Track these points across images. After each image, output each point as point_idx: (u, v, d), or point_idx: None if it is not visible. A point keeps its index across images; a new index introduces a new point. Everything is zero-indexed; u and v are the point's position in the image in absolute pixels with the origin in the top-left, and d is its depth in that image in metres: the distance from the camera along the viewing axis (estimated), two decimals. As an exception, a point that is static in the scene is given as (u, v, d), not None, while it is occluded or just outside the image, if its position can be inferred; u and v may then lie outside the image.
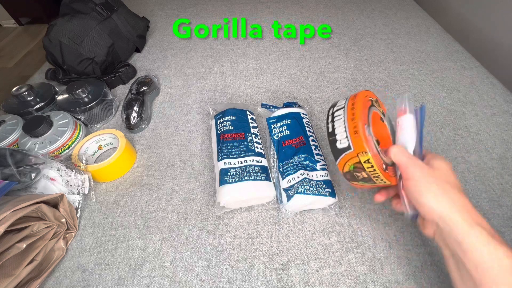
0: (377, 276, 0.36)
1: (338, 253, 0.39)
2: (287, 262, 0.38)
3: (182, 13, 0.95)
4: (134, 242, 0.41)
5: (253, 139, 0.47)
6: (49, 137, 0.48)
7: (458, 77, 0.64)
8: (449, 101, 0.59)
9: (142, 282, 0.37)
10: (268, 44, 0.78)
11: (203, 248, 0.40)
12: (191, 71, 0.71)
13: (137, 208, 0.45)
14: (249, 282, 0.37)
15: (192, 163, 0.51)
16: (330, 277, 0.37)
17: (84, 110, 0.55)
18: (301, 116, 0.50)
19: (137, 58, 0.77)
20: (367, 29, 0.81)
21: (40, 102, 0.57)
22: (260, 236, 0.41)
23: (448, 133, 0.53)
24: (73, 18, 0.64)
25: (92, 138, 0.51)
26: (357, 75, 0.67)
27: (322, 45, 0.77)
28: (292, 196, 0.40)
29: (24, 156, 0.42)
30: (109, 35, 0.67)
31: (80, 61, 0.64)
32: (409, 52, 0.72)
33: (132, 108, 0.56)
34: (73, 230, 0.42)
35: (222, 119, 0.50)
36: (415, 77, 0.65)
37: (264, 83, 0.66)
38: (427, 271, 0.37)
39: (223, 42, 0.81)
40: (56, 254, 0.39)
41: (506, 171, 0.46)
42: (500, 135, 0.52)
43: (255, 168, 0.43)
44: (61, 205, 0.40)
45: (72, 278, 0.38)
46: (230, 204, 0.42)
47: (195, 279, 0.37)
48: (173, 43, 0.81)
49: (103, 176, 0.48)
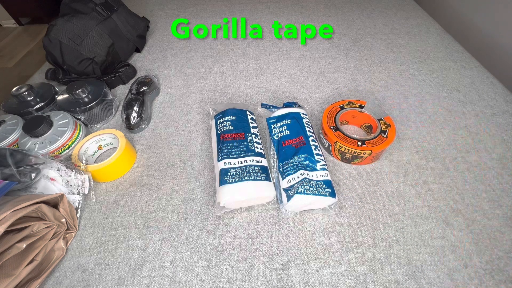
0: (377, 276, 0.36)
1: (338, 253, 0.39)
2: (287, 262, 0.38)
3: (182, 13, 0.95)
4: (134, 242, 0.41)
5: (253, 139, 0.47)
6: (49, 137, 0.48)
7: (458, 77, 0.64)
8: (449, 101, 0.59)
9: (142, 282, 0.37)
10: (268, 44, 0.78)
11: (203, 248, 0.40)
12: (191, 71, 0.71)
13: (137, 208, 0.45)
14: (249, 282, 0.37)
15: (192, 163, 0.51)
16: (330, 277, 0.37)
17: (84, 110, 0.55)
18: (301, 116, 0.50)
19: (137, 58, 0.77)
20: (367, 29, 0.81)
21: (40, 102, 0.57)
22: (260, 236, 0.41)
23: (448, 133, 0.53)
24: (73, 18, 0.64)
25: (92, 138, 0.51)
26: (357, 75, 0.67)
27: (322, 45, 0.77)
28: (292, 196, 0.40)
29: (24, 156, 0.42)
30: (109, 35, 0.67)
31: (80, 61, 0.64)
32: (409, 52, 0.72)
33: (132, 108, 0.56)
34: (73, 230, 0.42)
35: (222, 119, 0.50)
36: (415, 77, 0.65)
37: (264, 83, 0.66)
38: (427, 271, 0.37)
39: (223, 42, 0.81)
40: (56, 254, 0.39)
41: (506, 171, 0.46)
42: (500, 135, 0.52)
43: (255, 168, 0.43)
44: (61, 205, 0.40)
45: (72, 278, 0.38)
46: (230, 204, 0.42)
47: (195, 279, 0.37)
48: (173, 43, 0.81)
49: (103, 176, 0.48)
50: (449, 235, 0.40)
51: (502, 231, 0.40)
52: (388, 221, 0.42)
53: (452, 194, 0.44)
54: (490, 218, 0.41)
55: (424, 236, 0.40)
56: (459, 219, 0.41)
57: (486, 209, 0.42)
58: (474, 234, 0.40)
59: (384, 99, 0.60)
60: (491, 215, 0.41)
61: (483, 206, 0.42)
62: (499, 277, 0.36)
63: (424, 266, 0.37)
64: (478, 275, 0.36)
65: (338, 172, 0.48)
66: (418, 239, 0.40)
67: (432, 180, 0.46)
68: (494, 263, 0.37)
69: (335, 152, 0.49)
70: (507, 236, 0.39)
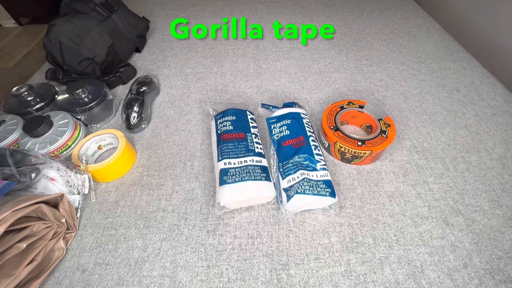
0: (377, 276, 0.36)
1: (338, 253, 0.39)
2: (287, 262, 0.38)
3: (182, 13, 0.95)
4: (134, 242, 0.41)
5: (253, 139, 0.47)
6: (49, 137, 0.48)
7: (458, 77, 0.64)
8: (449, 101, 0.59)
9: (142, 282, 0.37)
10: (268, 44, 0.78)
11: (203, 248, 0.40)
12: (191, 71, 0.71)
13: (137, 208, 0.45)
14: (249, 282, 0.37)
15: (192, 163, 0.51)
16: (330, 277, 0.37)
17: (84, 110, 0.55)
18: (301, 116, 0.50)
19: (137, 58, 0.77)
20: (367, 29, 0.81)
21: (40, 102, 0.57)
22: (260, 236, 0.41)
23: (448, 133, 0.53)
24: (73, 18, 0.64)
25: (92, 138, 0.51)
26: (357, 75, 0.67)
27: (322, 45, 0.77)
28: (292, 196, 0.40)
29: (24, 156, 0.42)
30: (109, 35, 0.67)
31: (80, 61, 0.64)
32: (409, 52, 0.72)
33: (132, 108, 0.56)
34: (73, 230, 0.42)
35: (222, 119, 0.50)
36: (415, 77, 0.65)
37: (264, 83, 0.66)
38: (427, 271, 0.37)
39: (223, 42, 0.81)
40: (56, 254, 0.39)
41: (506, 171, 0.46)
42: (500, 135, 0.52)
43: (255, 168, 0.43)
44: (61, 205, 0.40)
45: (72, 278, 0.38)
46: (230, 204, 0.42)
47: (195, 279, 0.37)
48: (173, 43, 0.81)
49: (103, 176, 0.48)
50: (449, 235, 0.40)
51: (502, 231, 0.40)
52: (388, 221, 0.42)
53: (452, 194, 0.44)
54: (490, 218, 0.41)
55: (424, 236, 0.40)
56: (459, 219, 0.41)
57: (486, 209, 0.42)
58: (474, 234, 0.40)
59: (384, 99, 0.60)
60: (491, 215, 0.41)
61: (483, 206, 0.42)
62: (499, 277, 0.36)
63: (424, 266, 0.37)
64: (478, 275, 0.36)
65: (338, 172, 0.48)
66: (418, 239, 0.40)
67: (432, 180, 0.46)
68: (494, 263, 0.37)
69: (335, 152, 0.49)
70: (507, 236, 0.39)
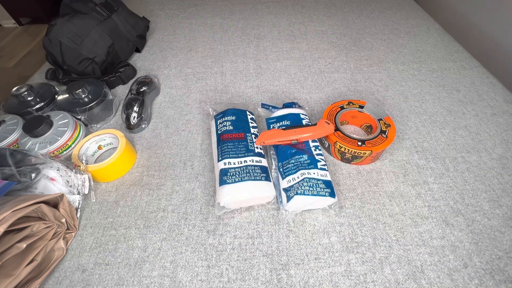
0: (377, 276, 0.36)
1: (338, 253, 0.39)
2: (287, 262, 0.38)
3: (182, 13, 0.95)
4: (134, 242, 0.41)
5: (253, 139, 0.47)
6: (49, 137, 0.48)
7: (458, 77, 0.64)
8: (449, 101, 0.59)
9: (142, 282, 0.37)
10: (268, 44, 0.78)
11: (203, 248, 0.40)
12: (191, 71, 0.71)
13: (137, 208, 0.45)
14: (249, 282, 0.37)
15: (192, 163, 0.51)
16: (330, 277, 0.37)
17: (84, 110, 0.55)
18: (301, 116, 0.50)
19: (137, 58, 0.77)
20: (367, 29, 0.81)
21: (40, 102, 0.57)
22: (260, 236, 0.41)
23: (448, 133, 0.53)
24: (73, 18, 0.64)
25: (92, 138, 0.50)
26: (357, 75, 0.67)
27: (322, 45, 0.77)
28: (292, 197, 0.40)
29: (24, 156, 0.42)
30: (109, 35, 0.67)
31: (80, 61, 0.64)
32: (409, 52, 0.72)
33: (132, 108, 0.56)
34: (73, 230, 0.42)
35: (222, 119, 0.50)
36: (415, 77, 0.65)
37: (264, 83, 0.66)
38: (427, 271, 0.37)
39: (223, 42, 0.81)
40: (56, 254, 0.39)
41: (506, 171, 0.46)
42: (500, 135, 0.52)
43: (255, 168, 0.43)
44: (61, 205, 0.40)
45: (72, 278, 0.38)
46: (230, 204, 0.42)
47: (195, 279, 0.37)
48: (173, 43, 0.81)
49: (103, 176, 0.48)
50: (449, 235, 0.40)
51: (502, 231, 0.40)
52: (388, 221, 0.42)
53: (452, 194, 0.44)
54: (490, 218, 0.41)
55: (424, 236, 0.40)
56: (459, 219, 0.41)
57: (486, 209, 0.42)
58: (474, 234, 0.40)
59: (384, 99, 0.60)
60: (491, 215, 0.41)
61: (483, 206, 0.42)
62: (499, 277, 0.36)
63: (424, 266, 0.37)
64: (478, 275, 0.36)
65: (338, 172, 0.48)
66: (418, 239, 0.40)
67: (432, 180, 0.46)
68: (494, 263, 0.37)
69: (335, 152, 0.49)
70: (507, 236, 0.39)
